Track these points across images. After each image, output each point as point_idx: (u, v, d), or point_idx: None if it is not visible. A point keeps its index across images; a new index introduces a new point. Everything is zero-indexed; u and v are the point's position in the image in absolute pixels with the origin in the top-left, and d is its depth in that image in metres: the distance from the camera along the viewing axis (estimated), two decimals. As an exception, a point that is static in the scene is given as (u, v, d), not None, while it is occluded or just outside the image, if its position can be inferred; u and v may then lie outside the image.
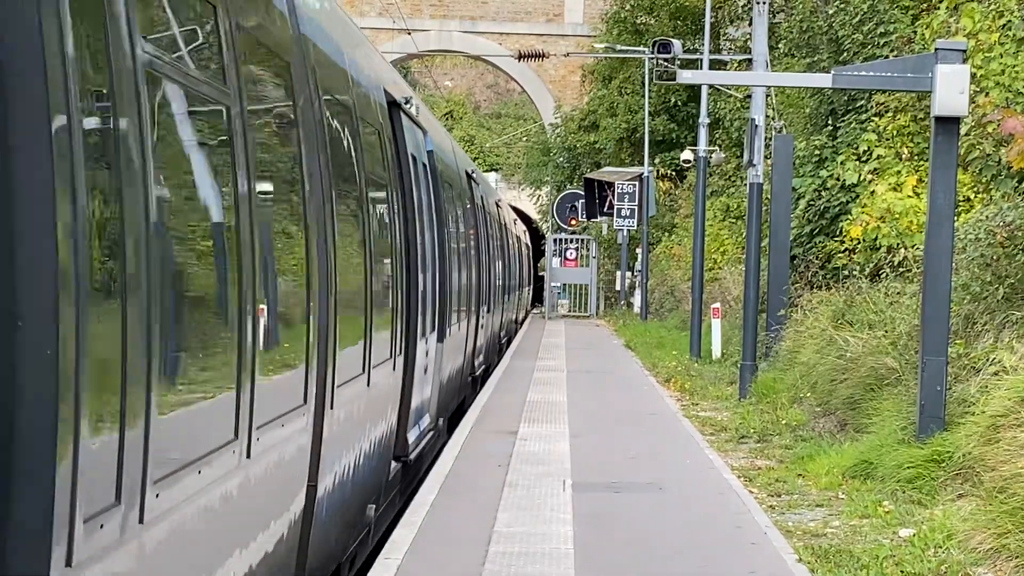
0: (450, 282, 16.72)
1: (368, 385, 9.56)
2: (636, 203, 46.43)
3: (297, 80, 7.53)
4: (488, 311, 26.08)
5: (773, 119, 27.67)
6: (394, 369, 11.11)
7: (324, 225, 7.84)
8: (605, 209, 50.48)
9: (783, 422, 17.51)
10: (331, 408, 8.01)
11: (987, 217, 15.39)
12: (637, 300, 47.07)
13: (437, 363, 15.25)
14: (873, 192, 22.00)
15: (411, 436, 12.74)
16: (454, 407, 19.42)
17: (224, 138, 5.88)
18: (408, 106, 13.14)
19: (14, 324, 3.62)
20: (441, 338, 15.45)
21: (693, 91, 45.48)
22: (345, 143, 9.19)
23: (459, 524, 11.42)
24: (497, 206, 34.40)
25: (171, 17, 5.20)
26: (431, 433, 14.62)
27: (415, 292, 12.54)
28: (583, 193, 52.94)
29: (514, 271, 41.73)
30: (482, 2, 64.82)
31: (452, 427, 18.28)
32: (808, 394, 17.97)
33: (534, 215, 70.82)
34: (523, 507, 12.13)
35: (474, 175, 24.49)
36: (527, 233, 59.75)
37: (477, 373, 23.70)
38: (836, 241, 23.00)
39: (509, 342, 37.23)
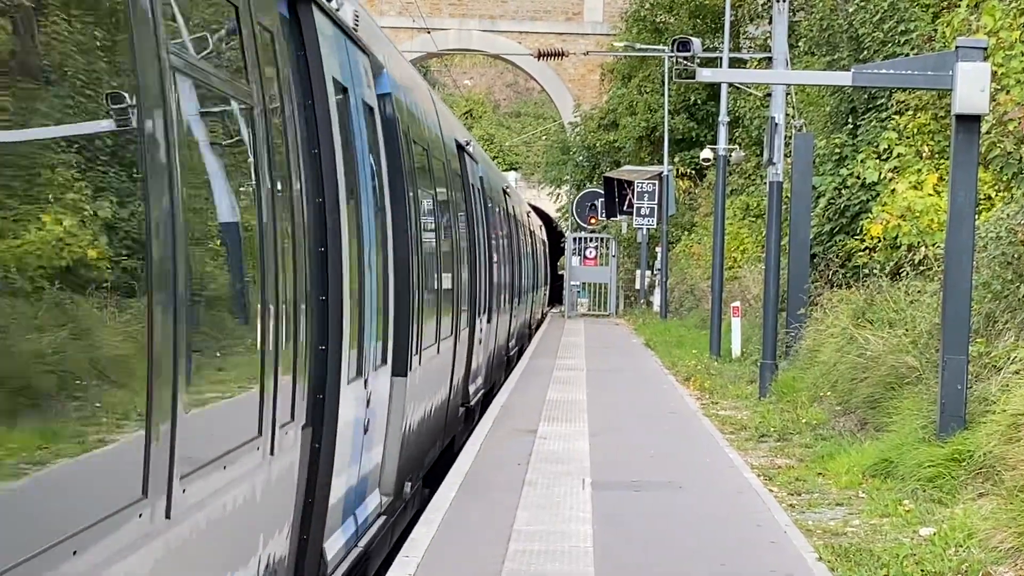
0: (422, 285, 12.05)
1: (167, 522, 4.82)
2: (656, 202, 46.38)
3: None
4: (489, 320, 20.99)
5: (793, 117, 27.60)
6: (273, 453, 6.31)
7: None
8: (625, 208, 50.43)
9: (803, 421, 17.48)
10: None
11: (1008, 215, 15.35)
12: (657, 299, 47.02)
13: (397, 409, 10.65)
14: (893, 190, 21.94)
15: (333, 547, 8.16)
16: (436, 455, 14.99)
17: None
18: (332, 4, 8.44)
19: None
20: (402, 370, 10.67)
21: (713, 89, 45.40)
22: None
23: (479, 522, 11.42)
24: (505, 193, 28.91)
25: None
26: (381, 520, 10.09)
27: (338, 304, 7.76)
28: (603, 192, 52.89)
29: (527, 271, 36.47)
30: (502, 1, 64.81)
31: (439, 475, 14.21)
32: (828, 393, 17.93)
33: (553, 214, 70.77)
34: (542, 505, 12.14)
35: (470, 148, 18.59)
36: (543, 228, 57.06)
37: (473, 402, 18.48)
38: (856, 239, 22.94)
39: (521, 353, 32.37)
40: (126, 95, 4.44)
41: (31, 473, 3.81)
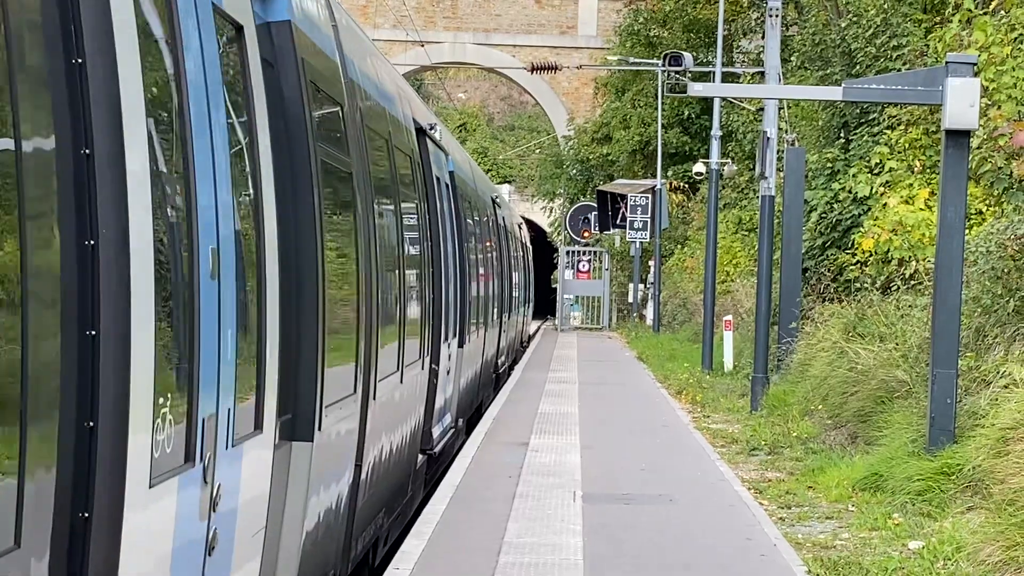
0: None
1: None
2: (649, 215, 46.45)
3: None
4: (393, 388, 11.33)
5: (785, 132, 27.68)
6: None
7: None
8: (618, 221, 50.47)
9: (794, 434, 17.52)
10: None
11: (998, 230, 15.40)
12: (649, 312, 47.06)
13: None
14: (885, 205, 22.00)
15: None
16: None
17: None
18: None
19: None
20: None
21: (706, 104, 45.51)
22: None
23: (469, 534, 11.45)
24: (426, 136, 14.80)
25: None
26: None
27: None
28: (596, 205, 52.93)
29: (498, 287, 26.40)
30: (496, 14, 64.92)
31: None
32: (819, 406, 17.98)
33: (547, 227, 70.82)
34: (533, 518, 12.16)
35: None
36: (523, 227, 50.17)
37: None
38: (848, 254, 23.00)
39: (475, 418, 21.31)
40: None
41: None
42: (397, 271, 11.27)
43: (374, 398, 9.67)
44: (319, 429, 7.60)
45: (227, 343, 5.70)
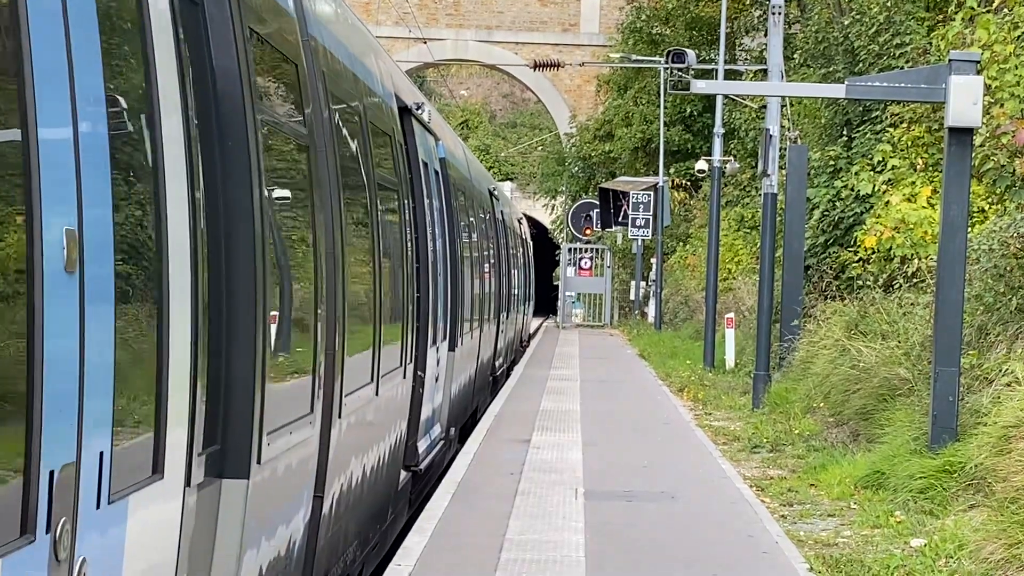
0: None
1: None
2: (651, 213, 46.42)
3: None
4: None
5: (788, 129, 27.66)
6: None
7: None
8: (620, 219, 50.43)
9: (796, 432, 17.52)
10: None
11: (1001, 228, 15.39)
12: (651, 310, 47.05)
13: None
14: (887, 203, 21.97)
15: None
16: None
17: None
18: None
19: None
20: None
21: (708, 101, 45.47)
22: None
23: (471, 531, 11.45)
24: (412, 116, 12.99)
25: None
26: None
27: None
28: (598, 203, 52.92)
29: (496, 284, 25.14)
30: (498, 11, 64.89)
31: None
32: (821, 404, 17.98)
33: (548, 225, 70.80)
34: (535, 515, 12.16)
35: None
36: (524, 222, 47.73)
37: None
38: (850, 251, 22.99)
39: (470, 425, 20.07)
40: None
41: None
42: (371, 267, 9.59)
43: (339, 416, 8.12)
44: (258, 462, 6.03)
45: (97, 361, 4.20)
